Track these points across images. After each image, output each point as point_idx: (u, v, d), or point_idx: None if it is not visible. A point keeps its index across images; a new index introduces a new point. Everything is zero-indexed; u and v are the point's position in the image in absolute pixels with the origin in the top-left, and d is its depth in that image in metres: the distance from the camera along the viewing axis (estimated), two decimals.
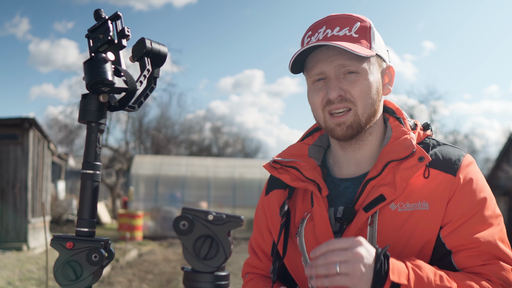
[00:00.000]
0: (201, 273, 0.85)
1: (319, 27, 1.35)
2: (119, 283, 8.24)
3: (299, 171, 1.40)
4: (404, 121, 1.40)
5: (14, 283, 7.82)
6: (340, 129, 1.33)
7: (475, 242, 1.24)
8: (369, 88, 1.31)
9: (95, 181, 1.01)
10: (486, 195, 1.30)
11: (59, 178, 23.59)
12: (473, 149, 31.41)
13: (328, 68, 1.31)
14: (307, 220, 1.38)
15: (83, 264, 0.94)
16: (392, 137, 1.36)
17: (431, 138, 1.39)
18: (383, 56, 1.37)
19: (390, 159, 1.31)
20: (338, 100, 1.31)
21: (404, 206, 1.28)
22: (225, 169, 18.23)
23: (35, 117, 11.76)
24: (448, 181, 1.29)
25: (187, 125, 34.91)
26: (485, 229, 1.26)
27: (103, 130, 1.05)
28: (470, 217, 1.26)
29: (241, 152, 38.89)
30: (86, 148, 1.02)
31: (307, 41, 1.37)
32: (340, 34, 1.31)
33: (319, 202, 1.35)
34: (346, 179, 1.41)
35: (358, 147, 1.39)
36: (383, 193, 1.28)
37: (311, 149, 1.49)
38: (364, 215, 1.28)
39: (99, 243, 0.96)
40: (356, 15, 1.36)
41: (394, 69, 1.42)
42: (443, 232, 1.27)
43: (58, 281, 0.94)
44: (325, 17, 1.37)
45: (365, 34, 1.33)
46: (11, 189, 11.63)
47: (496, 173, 23.00)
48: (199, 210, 0.86)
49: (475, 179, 1.31)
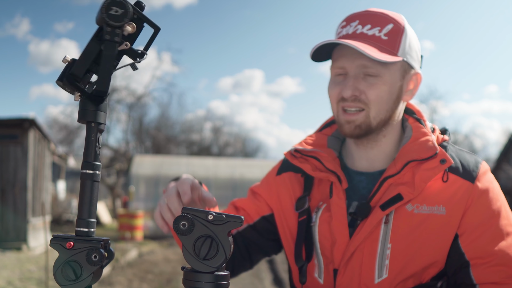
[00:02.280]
0: (201, 273, 0.85)
1: (353, 20, 1.33)
2: (119, 283, 8.24)
3: (320, 161, 1.39)
4: (424, 123, 1.39)
5: (14, 283, 7.82)
6: (348, 126, 1.32)
7: (494, 254, 1.24)
8: (387, 93, 1.30)
9: (95, 181, 1.01)
10: (501, 203, 1.30)
11: (59, 178, 23.59)
12: (473, 149, 31.41)
13: (349, 65, 1.30)
14: (322, 209, 1.37)
15: (83, 264, 0.94)
16: (413, 137, 1.34)
17: (448, 143, 1.37)
18: (411, 62, 1.33)
19: (411, 159, 1.29)
20: (351, 99, 1.30)
21: (421, 208, 1.27)
22: (225, 169, 18.23)
23: (35, 117, 11.76)
24: (467, 188, 1.28)
25: (187, 125, 34.92)
26: (503, 240, 1.26)
27: (103, 130, 1.04)
28: (489, 228, 1.26)
29: (241, 152, 38.88)
30: (86, 148, 1.02)
31: (339, 31, 1.36)
32: (369, 33, 1.29)
33: (339, 194, 1.34)
34: (361, 173, 1.40)
35: (371, 147, 1.38)
36: (401, 192, 1.26)
37: (330, 140, 1.48)
38: (380, 213, 1.27)
39: (99, 243, 0.95)
40: (392, 16, 1.32)
41: (421, 76, 1.38)
42: (463, 242, 1.26)
43: (58, 281, 0.94)
44: (363, 10, 1.34)
45: (395, 38, 1.30)
46: (11, 189, 11.63)
47: (496, 173, 23.01)
48: (199, 210, 0.86)
49: (492, 187, 1.31)
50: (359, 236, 1.28)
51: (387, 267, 1.27)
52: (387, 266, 1.27)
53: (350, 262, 1.30)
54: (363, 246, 1.29)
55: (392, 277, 1.27)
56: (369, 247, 1.29)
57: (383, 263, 1.27)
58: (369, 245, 1.29)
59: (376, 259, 1.28)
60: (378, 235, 1.28)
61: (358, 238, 1.29)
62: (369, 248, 1.29)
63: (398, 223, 1.27)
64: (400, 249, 1.27)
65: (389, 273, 1.27)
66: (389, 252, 1.27)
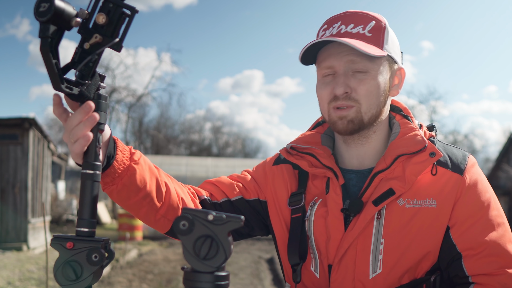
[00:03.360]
0: (201, 273, 0.85)
1: (334, 22, 1.35)
2: (119, 283, 8.24)
3: (316, 158, 1.42)
4: (412, 119, 1.42)
5: (14, 283, 7.82)
6: (341, 122, 1.33)
7: (484, 244, 1.26)
8: (376, 88, 1.32)
9: (95, 181, 1.01)
10: (490, 195, 1.32)
11: (59, 178, 23.58)
12: (473, 149, 31.41)
13: (337, 63, 1.32)
14: (318, 204, 1.38)
15: (83, 264, 0.94)
16: (401, 133, 1.37)
17: (435, 138, 1.40)
18: (395, 57, 1.37)
19: (401, 153, 1.32)
20: (343, 97, 1.31)
21: (412, 203, 1.29)
22: (225, 169, 18.23)
23: (35, 117, 11.76)
24: (456, 180, 1.30)
25: (187, 125, 34.97)
26: (493, 231, 1.27)
27: (103, 130, 1.05)
28: (479, 219, 1.28)
29: (241, 152, 38.91)
30: (86, 148, 1.02)
31: (321, 34, 1.38)
32: (354, 31, 1.32)
33: (336, 189, 1.36)
34: (351, 171, 1.41)
35: (361, 143, 1.40)
36: (392, 187, 1.28)
37: (324, 138, 1.51)
38: (373, 208, 1.28)
39: (99, 243, 0.96)
40: (372, 14, 1.36)
41: (405, 71, 1.42)
42: (454, 234, 1.28)
43: (58, 281, 0.94)
44: (342, 12, 1.38)
45: (378, 34, 1.33)
46: (11, 189, 11.62)
47: (496, 173, 23.01)
48: (199, 210, 0.86)
49: (480, 179, 1.33)
50: (353, 232, 1.30)
51: (381, 262, 1.29)
52: (381, 261, 1.29)
53: (344, 258, 1.31)
54: (357, 242, 1.30)
55: (386, 272, 1.28)
56: (362, 243, 1.30)
57: (376, 258, 1.29)
58: (362, 241, 1.30)
59: (370, 255, 1.29)
60: (371, 231, 1.29)
61: (351, 234, 1.30)
62: (362, 244, 1.30)
63: (390, 218, 1.29)
64: (393, 243, 1.28)
65: (383, 268, 1.28)
66: (382, 247, 1.29)
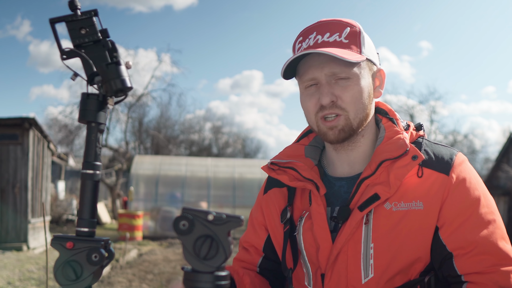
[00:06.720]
0: (201, 273, 0.85)
1: (310, 33, 1.36)
2: (119, 283, 8.24)
3: (297, 171, 1.42)
4: (397, 122, 1.42)
5: (14, 283, 7.82)
6: (332, 132, 1.34)
7: (475, 243, 1.25)
8: (361, 93, 1.33)
9: (95, 181, 1.01)
10: (480, 192, 1.31)
11: (59, 178, 23.60)
12: (473, 149, 31.44)
13: (319, 74, 1.32)
14: (305, 218, 1.39)
15: (83, 264, 0.95)
16: (386, 137, 1.37)
17: (424, 138, 1.40)
18: (373, 59, 1.38)
19: (384, 158, 1.32)
20: (329, 106, 1.32)
21: (399, 206, 1.29)
22: (225, 169, 18.23)
23: (35, 117, 11.76)
24: (442, 180, 1.30)
25: (187, 125, 34.97)
26: (484, 229, 1.26)
27: (103, 130, 1.05)
28: (468, 217, 1.27)
29: (241, 152, 38.91)
30: (86, 148, 1.02)
31: (298, 46, 1.38)
32: (331, 40, 1.33)
33: (317, 200, 1.36)
34: (341, 178, 1.42)
35: (351, 149, 1.41)
36: (377, 192, 1.29)
37: (308, 149, 1.51)
38: (359, 214, 1.29)
39: (99, 243, 0.96)
40: (345, 20, 1.37)
41: (384, 71, 1.43)
42: (443, 234, 1.27)
43: (58, 281, 0.94)
44: (316, 22, 1.38)
45: (355, 39, 1.34)
46: (11, 189, 11.63)
47: (496, 173, 23.00)
48: (199, 210, 0.86)
49: (468, 177, 1.32)
50: (341, 239, 1.31)
51: (372, 267, 1.29)
52: (372, 266, 1.29)
53: (335, 265, 1.32)
54: (347, 248, 1.31)
55: (378, 275, 1.29)
56: (352, 249, 1.31)
57: (367, 263, 1.29)
58: (352, 247, 1.31)
59: (361, 260, 1.30)
60: (360, 236, 1.30)
61: (340, 241, 1.31)
62: (352, 250, 1.31)
63: (378, 222, 1.29)
64: (383, 247, 1.28)
65: (374, 272, 1.29)
66: (372, 251, 1.29)
